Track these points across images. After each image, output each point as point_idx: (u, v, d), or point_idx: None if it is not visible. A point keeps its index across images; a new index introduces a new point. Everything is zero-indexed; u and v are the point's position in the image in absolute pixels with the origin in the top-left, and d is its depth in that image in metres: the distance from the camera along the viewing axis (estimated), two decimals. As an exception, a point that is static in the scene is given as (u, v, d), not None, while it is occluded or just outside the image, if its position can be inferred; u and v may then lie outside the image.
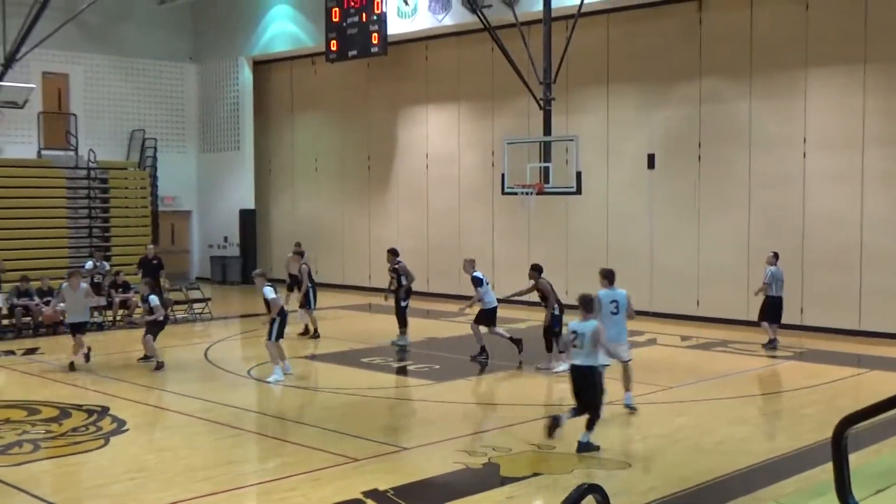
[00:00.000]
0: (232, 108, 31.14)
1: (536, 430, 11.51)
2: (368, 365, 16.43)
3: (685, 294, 21.17)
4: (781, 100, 20.14)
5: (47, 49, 26.59)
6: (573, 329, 10.65)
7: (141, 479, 9.50)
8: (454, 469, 9.81)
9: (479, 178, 25.30)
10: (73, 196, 28.25)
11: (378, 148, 28.06)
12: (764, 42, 20.29)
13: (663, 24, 21.79)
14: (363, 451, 10.41)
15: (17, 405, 12.82)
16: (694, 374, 14.89)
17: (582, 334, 10.48)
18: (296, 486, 9.18)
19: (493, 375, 15.92)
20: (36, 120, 28.36)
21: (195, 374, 15.88)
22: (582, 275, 22.58)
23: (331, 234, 29.29)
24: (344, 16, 25.83)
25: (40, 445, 10.83)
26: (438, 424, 12.08)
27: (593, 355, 10.53)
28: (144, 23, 30.64)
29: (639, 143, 22.32)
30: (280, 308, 14.90)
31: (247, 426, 12.07)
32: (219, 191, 31.51)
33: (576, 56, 21.09)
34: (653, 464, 10.24)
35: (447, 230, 26.15)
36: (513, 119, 24.20)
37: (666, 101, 21.89)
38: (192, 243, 32.74)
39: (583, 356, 10.52)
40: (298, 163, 30.69)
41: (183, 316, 22.11)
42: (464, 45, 25.43)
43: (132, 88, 30.64)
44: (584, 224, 23.15)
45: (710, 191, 21.19)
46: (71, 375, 15.19)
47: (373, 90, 28.06)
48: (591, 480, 7.88)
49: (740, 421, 12.13)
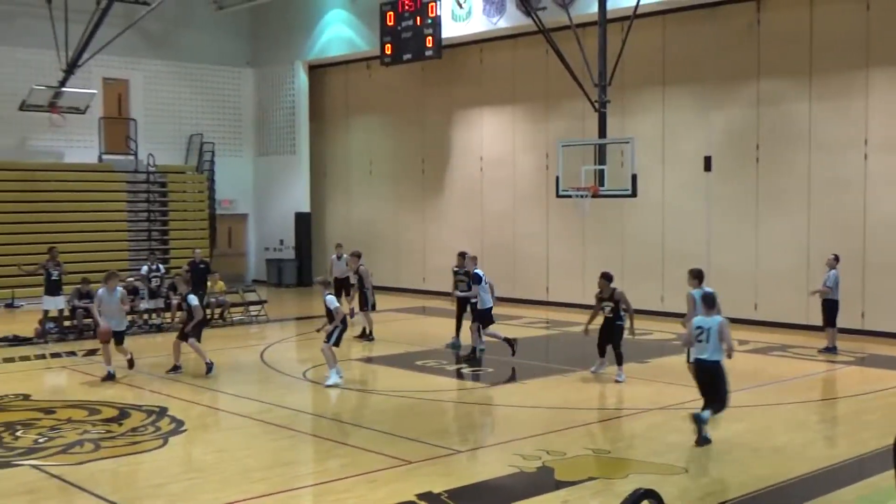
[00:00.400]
0: (288, 112, 31.41)
1: (591, 433, 11.45)
2: (423, 368, 16.46)
3: (743, 297, 20.89)
4: (842, 100, 19.80)
5: (108, 55, 27.12)
6: (698, 325, 11.03)
7: (198, 479, 9.61)
8: (508, 472, 9.78)
9: (533, 181, 25.23)
10: (132, 200, 28.74)
11: (432, 151, 28.11)
12: (824, 42, 19.97)
13: (720, 25, 21.55)
14: (417, 453, 10.42)
15: (79, 405, 13.04)
16: (752, 379, 14.68)
17: (708, 329, 10.90)
18: (351, 487, 9.22)
19: (547, 379, 15.85)
20: (97, 125, 28.87)
21: (251, 375, 16.04)
22: (638, 278, 22.45)
23: (385, 237, 29.40)
24: (398, 20, 25.94)
25: (100, 445, 11.00)
26: (492, 427, 12.05)
27: (719, 350, 10.91)
28: (203, 28, 31.04)
29: (695, 145, 22.09)
30: (343, 316, 14.88)
31: (302, 428, 12.15)
32: (275, 194, 31.80)
33: (631, 58, 20.95)
34: (709, 469, 10.12)
35: (502, 233, 26.10)
36: (567, 121, 24.09)
37: (723, 103, 21.64)
38: (248, 246, 33.08)
39: (709, 351, 10.93)
40: (353, 166, 30.85)
41: (239, 318, 22.33)
42: (518, 47, 25.38)
43: (190, 93, 31.06)
44: (639, 227, 22.97)
45: (768, 193, 20.90)
46: (130, 376, 15.40)
47: (427, 93, 28.12)
48: (646, 486, 7.81)
49: (799, 427, 11.94)
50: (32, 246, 25.33)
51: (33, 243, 25.49)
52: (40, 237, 25.75)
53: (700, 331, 10.96)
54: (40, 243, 25.32)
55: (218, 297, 21.98)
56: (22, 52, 27.37)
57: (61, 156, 28.37)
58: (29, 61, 27.37)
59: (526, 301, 24.84)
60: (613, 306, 14.89)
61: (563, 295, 24.39)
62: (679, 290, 15.99)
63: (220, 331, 21.14)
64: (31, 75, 27.09)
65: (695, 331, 11.05)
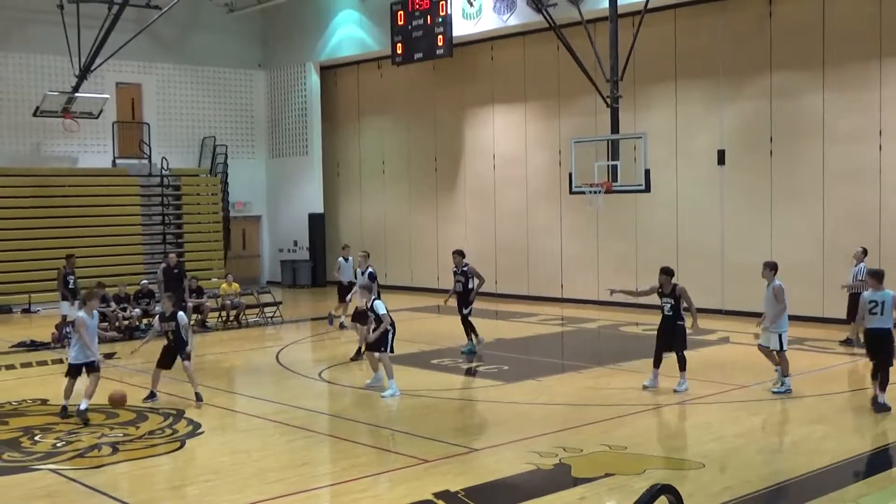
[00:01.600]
0: (300, 113, 31.46)
1: (607, 429, 11.42)
2: (438, 366, 16.45)
3: (758, 291, 20.67)
4: (855, 92, 19.70)
5: (120, 60, 27.24)
6: (871, 298, 12.27)
7: (216, 481, 9.63)
8: (525, 470, 9.77)
9: (546, 178, 25.19)
10: (146, 203, 28.84)
11: (445, 150, 28.11)
12: (836, 33, 19.87)
13: (732, 18, 21.47)
14: (434, 452, 10.42)
15: (96, 409, 13.07)
16: (769, 373, 14.61)
17: (882, 302, 12.18)
18: (367, 487, 9.22)
19: (562, 376, 15.83)
20: (110, 129, 28.97)
21: (267, 377, 16.07)
22: (652, 274, 22.32)
23: (398, 236, 29.41)
24: (409, 19, 25.95)
25: (118, 448, 11.03)
26: (508, 425, 12.04)
27: (888, 320, 12.21)
28: (214, 31, 31.12)
29: (709, 139, 22.01)
30: (391, 320, 13.95)
31: (318, 428, 12.17)
32: (288, 195, 31.87)
33: (643, 52, 20.90)
34: (727, 464, 10.08)
35: (515, 231, 26.08)
36: (580, 118, 24.04)
37: (736, 96, 21.56)
38: (262, 248, 33.15)
39: (881, 321, 12.22)
40: (366, 166, 30.89)
41: (255, 320, 22.38)
42: (529, 44, 25.35)
43: (203, 96, 31.15)
44: (653, 222, 22.90)
45: (782, 186, 20.81)
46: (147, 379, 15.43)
47: (439, 92, 28.12)
48: (663, 481, 7.78)
49: (818, 420, 11.88)
50: (48, 251, 25.45)
51: (49, 248, 25.61)
52: (56, 242, 25.87)
53: (874, 304, 12.19)
54: (56, 248, 25.47)
55: (233, 299, 22.03)
56: (35, 59, 27.52)
57: (75, 161, 28.50)
58: (42, 67, 27.54)
59: (540, 298, 24.81)
60: (674, 304, 13.72)
61: (577, 291, 24.35)
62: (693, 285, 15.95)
63: (235, 332, 21.20)
64: (45, 81, 27.27)
65: (868, 304, 12.24)
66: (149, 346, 14.40)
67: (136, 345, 15.33)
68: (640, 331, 19.62)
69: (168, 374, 13.91)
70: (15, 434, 11.66)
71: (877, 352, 12.41)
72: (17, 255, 25.69)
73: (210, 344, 19.73)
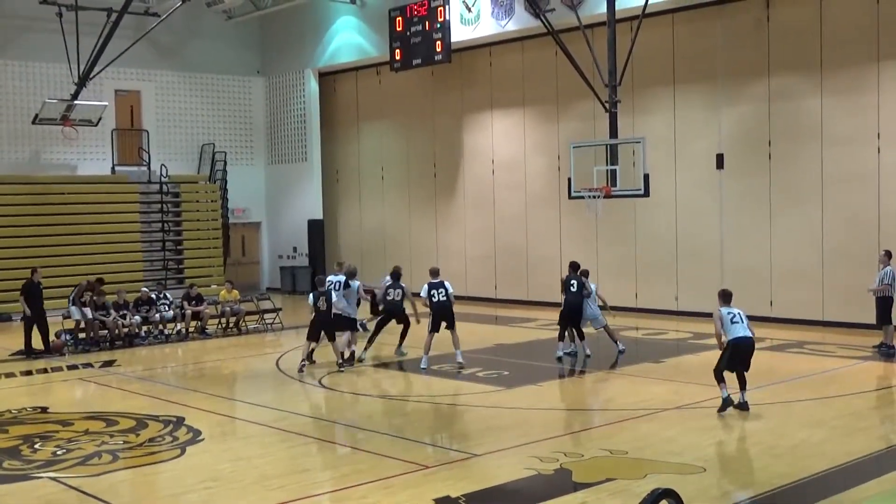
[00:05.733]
0: (299, 119, 31.49)
1: (608, 434, 11.42)
2: (438, 372, 16.45)
3: (758, 295, 20.79)
4: (853, 95, 19.72)
5: (120, 67, 27.29)
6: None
7: (216, 487, 9.63)
8: (526, 475, 9.76)
9: (545, 183, 25.21)
10: (146, 210, 28.84)
11: (444, 155, 28.13)
12: (834, 37, 19.90)
13: (730, 22, 21.50)
14: (434, 458, 10.43)
15: (96, 416, 13.08)
16: (768, 377, 14.62)
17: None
18: (368, 493, 9.22)
19: (562, 381, 15.83)
20: (109, 137, 28.99)
21: (267, 383, 16.06)
22: (651, 278, 22.42)
23: (398, 242, 29.41)
24: (407, 25, 25.98)
25: (118, 456, 11.03)
26: (509, 430, 12.04)
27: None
28: (213, 38, 31.15)
29: (707, 143, 22.03)
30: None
31: (318, 435, 12.17)
32: (287, 202, 31.88)
33: (641, 57, 20.92)
34: (727, 468, 10.08)
35: (514, 236, 26.09)
36: (578, 122, 24.07)
37: (734, 100, 21.59)
38: (261, 254, 33.15)
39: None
40: (365, 172, 30.90)
41: (254, 326, 22.38)
42: (527, 49, 25.38)
43: (202, 103, 31.17)
44: (652, 226, 22.91)
45: (781, 189, 20.83)
46: (147, 386, 15.45)
47: (437, 98, 28.15)
48: (664, 485, 7.78)
49: (817, 423, 11.88)
50: (48, 259, 25.46)
51: (49, 256, 25.63)
52: (55, 250, 25.91)
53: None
54: (55, 256, 25.51)
55: (233, 306, 22.03)
56: (34, 67, 27.55)
57: (74, 168, 28.52)
58: (41, 75, 27.57)
59: (539, 303, 24.80)
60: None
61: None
62: (692, 289, 15.93)
63: (234, 339, 21.20)
64: (44, 89, 27.31)
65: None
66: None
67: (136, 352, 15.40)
68: (640, 335, 19.61)
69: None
70: (15, 442, 11.66)
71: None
72: (16, 262, 25.65)
73: (210, 351, 19.73)
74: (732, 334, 12.36)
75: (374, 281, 20.26)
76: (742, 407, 12.26)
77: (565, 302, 17.00)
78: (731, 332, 12.36)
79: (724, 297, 12.83)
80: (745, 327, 12.42)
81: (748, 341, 12.41)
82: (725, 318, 12.43)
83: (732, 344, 12.38)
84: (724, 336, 12.48)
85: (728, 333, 12.40)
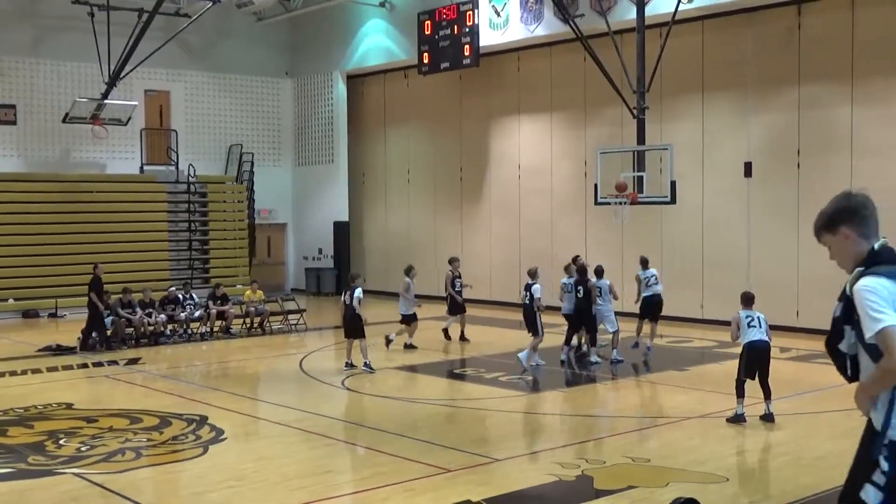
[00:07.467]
0: (326, 121, 31.59)
1: (631, 441, 11.37)
2: (461, 376, 16.43)
3: (784, 304, 20.65)
4: (884, 105, 19.54)
5: (149, 67, 27.49)
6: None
7: (238, 487, 9.66)
8: (547, 481, 9.73)
9: (571, 189, 25.15)
10: (173, 210, 29.02)
11: (470, 159, 28.13)
12: (865, 45, 19.73)
13: (760, 30, 21.37)
14: (456, 461, 10.40)
15: (120, 414, 13.16)
16: (794, 387, 14.51)
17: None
18: (389, 496, 9.22)
19: (586, 387, 15.78)
20: (139, 136, 29.22)
21: (291, 384, 16.11)
22: (677, 286, 22.28)
23: (423, 245, 29.42)
24: (436, 28, 26.02)
25: (142, 453, 11.10)
26: (531, 436, 12.01)
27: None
28: (243, 40, 31.32)
29: (735, 151, 21.90)
30: None
31: (341, 436, 12.20)
32: (313, 203, 31.98)
33: (670, 64, 20.84)
34: (751, 478, 10.01)
35: (540, 241, 26.03)
36: (606, 128, 24.00)
37: (763, 108, 21.45)
38: (287, 255, 33.27)
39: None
40: (391, 175, 30.95)
41: (278, 327, 22.46)
42: (556, 55, 25.34)
43: (230, 104, 31.34)
44: (679, 234, 22.80)
45: (810, 199, 20.65)
46: (170, 384, 15.53)
47: (465, 102, 28.15)
48: (687, 494, 7.74)
49: (843, 435, 11.75)
50: (76, 256, 25.71)
51: (76, 254, 25.87)
52: (83, 247, 26.11)
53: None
54: (83, 254, 25.71)
55: (257, 306, 22.12)
56: (66, 66, 27.81)
57: (104, 167, 28.75)
58: (72, 74, 27.83)
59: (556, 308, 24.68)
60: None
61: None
62: (719, 297, 15.83)
63: (258, 339, 21.28)
64: (75, 88, 27.57)
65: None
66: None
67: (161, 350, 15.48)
68: (665, 343, 19.53)
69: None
70: (40, 438, 11.75)
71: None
72: (45, 259, 25.93)
73: (234, 351, 19.82)
74: (748, 338, 12.27)
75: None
76: (767, 418, 12.16)
77: (574, 307, 17.29)
78: (747, 336, 12.28)
79: (745, 300, 12.76)
80: (762, 332, 12.33)
81: (763, 345, 12.29)
82: (743, 321, 12.36)
83: (747, 348, 12.30)
84: (739, 338, 12.42)
85: (744, 337, 12.32)
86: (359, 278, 17.21)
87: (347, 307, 16.53)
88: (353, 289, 16.54)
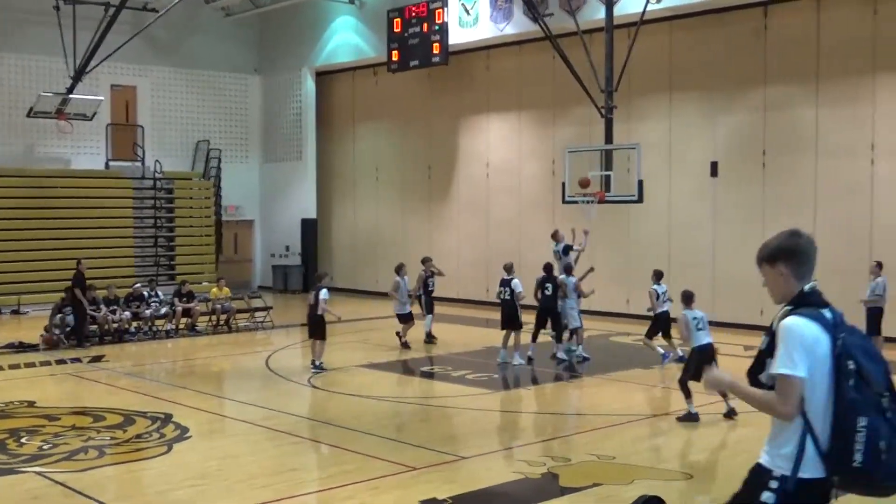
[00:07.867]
0: (294, 118, 31.45)
1: (596, 439, 11.41)
2: (427, 374, 16.42)
3: (749, 303, 20.78)
4: (849, 106, 19.75)
5: (116, 62, 27.20)
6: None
7: (202, 485, 9.60)
8: (513, 479, 9.75)
9: (540, 187, 25.20)
10: (139, 206, 28.79)
11: (439, 157, 28.11)
12: (830, 47, 19.92)
13: (727, 31, 21.52)
14: (422, 459, 10.39)
15: (84, 412, 13.04)
16: (758, 386, 14.61)
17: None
18: (354, 494, 9.19)
19: (552, 385, 15.81)
20: (104, 131, 28.94)
21: (257, 382, 16.03)
22: (644, 284, 22.34)
23: (391, 243, 29.35)
24: (406, 26, 25.97)
25: (105, 452, 11.00)
26: (497, 434, 12.03)
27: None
28: (211, 35, 31.11)
29: (702, 151, 22.05)
30: None
31: (306, 434, 12.15)
32: (281, 200, 31.84)
33: (638, 64, 20.92)
34: (714, 475, 10.08)
35: (508, 239, 26.05)
36: (574, 127, 24.07)
37: (730, 109, 21.61)
38: (254, 252, 33.10)
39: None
40: (360, 172, 30.87)
41: (245, 324, 22.34)
42: (525, 53, 25.38)
43: (198, 100, 31.12)
44: (645, 232, 22.92)
45: (774, 199, 20.84)
46: (135, 382, 15.40)
47: (434, 100, 28.13)
48: (651, 492, 7.78)
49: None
50: (39, 252, 25.43)
51: (40, 250, 25.59)
52: (47, 244, 25.82)
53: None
54: (47, 250, 25.43)
55: (223, 304, 21.99)
56: (30, 60, 27.49)
57: (68, 162, 28.45)
58: (37, 68, 27.51)
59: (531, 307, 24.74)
60: None
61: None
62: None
63: (224, 337, 21.16)
64: (39, 82, 27.23)
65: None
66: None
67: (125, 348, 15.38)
68: (631, 341, 19.62)
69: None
70: (1, 436, 11.59)
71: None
72: (7, 255, 25.61)
73: (199, 348, 19.69)
74: (697, 341, 12.38)
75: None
76: (731, 414, 12.24)
77: (540, 304, 17.44)
78: (696, 340, 12.39)
79: (686, 298, 12.91)
80: (706, 333, 12.49)
81: (710, 347, 12.43)
82: (691, 324, 12.46)
83: (697, 351, 12.38)
84: (689, 342, 12.52)
85: (693, 341, 12.42)
86: (326, 277, 17.14)
87: (312, 307, 16.51)
88: (319, 289, 16.50)
